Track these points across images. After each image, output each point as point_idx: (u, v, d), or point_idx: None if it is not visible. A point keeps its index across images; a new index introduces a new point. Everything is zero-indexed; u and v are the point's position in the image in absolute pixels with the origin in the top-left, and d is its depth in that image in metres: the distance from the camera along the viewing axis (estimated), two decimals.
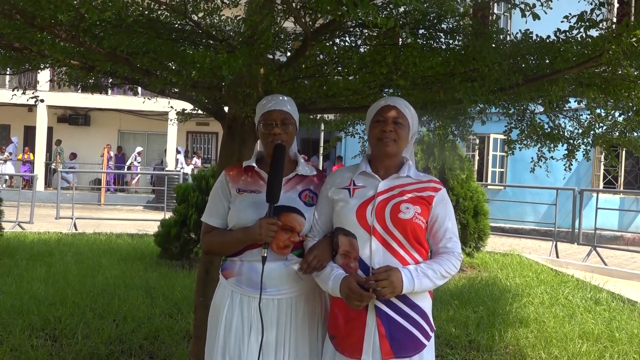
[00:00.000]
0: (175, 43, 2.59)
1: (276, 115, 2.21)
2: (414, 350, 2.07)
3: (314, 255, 2.11)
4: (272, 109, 2.22)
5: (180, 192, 7.68)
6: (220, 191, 2.28)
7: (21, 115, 21.23)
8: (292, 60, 2.67)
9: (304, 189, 2.25)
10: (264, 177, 2.22)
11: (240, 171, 2.29)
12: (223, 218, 2.26)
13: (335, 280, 2.06)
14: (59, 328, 4.52)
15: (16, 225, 11.16)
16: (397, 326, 2.04)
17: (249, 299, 2.16)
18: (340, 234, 2.13)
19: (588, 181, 14.42)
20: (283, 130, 2.21)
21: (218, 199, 2.28)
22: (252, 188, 2.23)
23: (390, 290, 1.97)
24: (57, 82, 3.43)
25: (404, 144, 2.19)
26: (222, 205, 2.26)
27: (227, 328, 2.18)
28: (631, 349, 4.50)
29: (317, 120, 4.39)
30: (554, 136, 3.75)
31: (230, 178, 2.27)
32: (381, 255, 2.04)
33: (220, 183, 2.30)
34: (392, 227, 2.05)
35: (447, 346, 4.49)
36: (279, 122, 2.21)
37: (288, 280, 2.17)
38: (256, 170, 2.26)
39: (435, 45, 2.88)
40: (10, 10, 2.11)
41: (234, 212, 2.21)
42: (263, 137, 2.25)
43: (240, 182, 2.25)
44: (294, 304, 2.19)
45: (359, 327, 2.05)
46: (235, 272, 2.20)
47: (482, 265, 8.36)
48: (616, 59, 2.42)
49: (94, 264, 7.18)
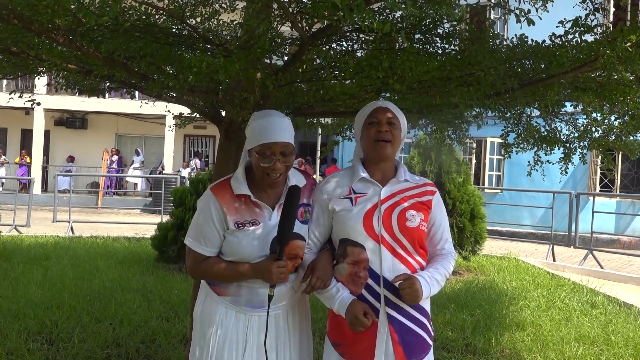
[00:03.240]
0: (172, 47, 2.59)
1: (276, 148, 2.02)
2: (424, 352, 2.11)
3: (317, 277, 2.05)
4: (273, 141, 2.01)
5: (177, 195, 7.69)
6: (215, 221, 2.08)
7: (18, 119, 21.20)
8: (289, 65, 2.68)
9: (298, 206, 2.12)
10: (260, 206, 2.09)
11: (231, 194, 2.09)
12: (217, 247, 2.12)
13: (341, 304, 2.05)
14: (55, 332, 4.51)
15: (13, 228, 11.13)
16: (408, 331, 2.07)
17: (246, 316, 2.12)
18: (348, 245, 2.10)
19: (585, 185, 14.45)
20: (284, 162, 2.04)
21: (212, 228, 2.08)
22: (249, 218, 2.07)
23: (413, 299, 1.99)
24: (54, 85, 3.43)
25: (398, 144, 2.19)
26: (217, 235, 2.09)
27: (220, 342, 2.11)
28: (627, 352, 4.51)
29: (314, 124, 4.40)
30: (551, 140, 3.77)
31: (225, 207, 2.07)
32: (390, 263, 2.05)
33: (214, 211, 2.08)
34: (400, 235, 2.07)
35: (443, 349, 4.49)
36: (280, 156, 2.03)
37: (287, 295, 2.16)
38: (252, 200, 2.09)
39: (432, 49, 2.89)
40: (8, 15, 2.12)
41: (235, 247, 2.07)
42: (258, 166, 2.05)
43: (235, 212, 2.07)
44: (289, 313, 2.20)
45: (369, 334, 2.05)
46: (231, 293, 2.12)
47: (479, 268, 8.37)
48: (611, 64, 2.43)
49: (90, 267, 7.16)
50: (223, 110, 3.39)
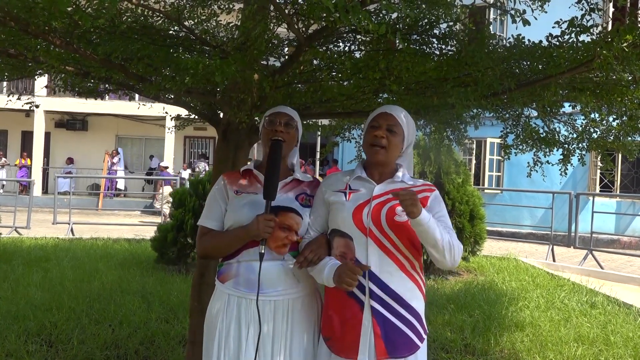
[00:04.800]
0: (169, 49, 2.60)
1: (281, 116, 2.30)
2: (408, 351, 2.09)
3: (311, 249, 2.13)
4: (279, 111, 2.32)
5: (177, 197, 7.69)
6: (217, 194, 2.31)
7: (19, 121, 21.21)
8: (286, 66, 2.69)
9: (300, 193, 2.30)
10: (261, 180, 2.26)
11: (238, 175, 2.34)
12: (220, 220, 2.28)
13: (331, 268, 2.07)
14: (54, 333, 4.51)
15: (13, 230, 11.14)
16: (392, 327, 2.07)
17: (246, 302, 2.16)
18: (336, 235, 2.15)
19: (585, 185, 14.45)
20: (285, 130, 2.27)
21: (215, 201, 2.31)
22: (250, 190, 2.28)
23: (412, 203, 1.93)
24: (52, 87, 3.44)
25: (396, 152, 2.19)
26: (219, 207, 2.29)
27: (224, 335, 2.18)
28: (626, 353, 4.51)
29: (313, 126, 4.40)
30: (549, 141, 3.77)
31: (228, 181, 2.32)
32: (377, 257, 2.07)
33: (218, 186, 2.34)
34: (388, 229, 2.08)
35: (442, 350, 4.49)
36: (283, 122, 2.28)
37: (285, 280, 2.18)
38: (254, 173, 2.32)
39: (428, 50, 2.89)
40: (4, 17, 2.12)
41: (232, 212, 2.23)
42: (265, 135, 2.30)
43: (238, 185, 2.30)
44: (291, 306, 2.19)
45: (354, 327, 2.07)
46: (232, 274, 2.20)
47: (479, 269, 8.37)
48: (608, 64, 2.43)
49: (90, 269, 7.17)
50: (221, 112, 3.40)
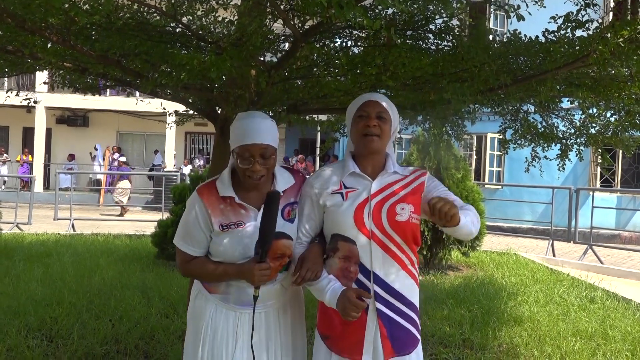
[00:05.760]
0: (166, 45, 2.61)
1: (255, 150, 2.00)
2: (412, 347, 2.11)
3: (307, 268, 2.05)
4: (251, 142, 2.00)
5: (177, 192, 7.70)
6: (201, 221, 2.09)
7: (20, 117, 21.25)
8: (283, 62, 2.69)
9: (285, 205, 2.13)
10: (245, 206, 2.08)
11: (216, 196, 2.10)
12: (204, 247, 2.14)
13: (332, 294, 2.05)
14: (55, 328, 4.53)
15: (14, 226, 11.18)
16: (396, 326, 2.07)
17: (236, 313, 2.12)
18: (339, 240, 2.10)
19: (585, 180, 14.45)
20: (263, 165, 2.03)
21: (197, 228, 2.11)
22: (234, 220, 2.07)
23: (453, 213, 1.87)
24: (51, 84, 3.45)
25: (388, 139, 2.17)
26: (203, 235, 2.11)
27: (210, 336, 2.12)
28: (624, 347, 4.52)
29: (311, 121, 4.41)
30: (548, 136, 3.78)
31: (210, 209, 2.08)
32: (380, 259, 2.06)
33: (200, 211, 2.10)
34: (391, 230, 2.06)
35: (440, 345, 4.50)
36: (258, 158, 2.01)
37: (275, 294, 2.16)
38: (237, 202, 2.09)
39: (425, 46, 2.90)
40: (1, 14, 2.13)
41: (220, 248, 2.08)
42: (239, 168, 2.06)
43: (220, 214, 2.08)
44: (280, 312, 2.19)
45: (358, 328, 2.06)
46: (221, 291, 2.14)
47: (478, 264, 8.38)
48: (604, 59, 2.44)
49: (91, 264, 7.19)
50: (218, 108, 3.41)
